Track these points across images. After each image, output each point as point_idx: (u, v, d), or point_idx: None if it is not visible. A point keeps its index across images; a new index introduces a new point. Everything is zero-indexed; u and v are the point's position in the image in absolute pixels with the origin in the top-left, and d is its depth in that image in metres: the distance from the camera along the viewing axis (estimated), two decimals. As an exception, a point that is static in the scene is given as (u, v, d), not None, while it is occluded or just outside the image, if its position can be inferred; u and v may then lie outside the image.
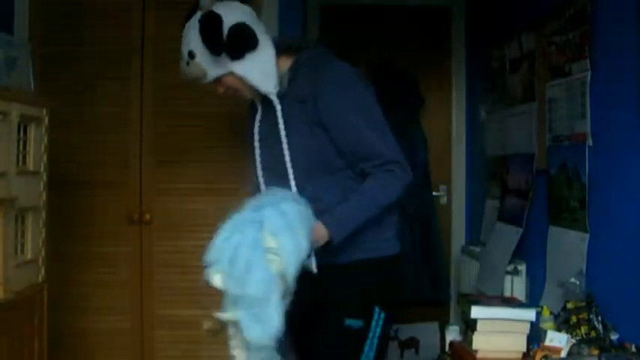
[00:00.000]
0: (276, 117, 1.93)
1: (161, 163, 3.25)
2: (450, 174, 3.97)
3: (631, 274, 1.99)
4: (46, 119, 2.37)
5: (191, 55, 1.92)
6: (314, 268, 1.85)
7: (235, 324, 1.59)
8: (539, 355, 2.01)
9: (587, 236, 2.24)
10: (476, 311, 2.18)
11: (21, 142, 2.23)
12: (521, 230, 2.77)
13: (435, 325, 3.84)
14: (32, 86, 2.40)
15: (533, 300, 2.63)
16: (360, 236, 1.90)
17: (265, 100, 1.98)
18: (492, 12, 3.43)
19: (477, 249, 3.39)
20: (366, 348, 1.88)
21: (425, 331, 3.85)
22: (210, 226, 3.40)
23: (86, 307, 3.21)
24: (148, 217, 3.22)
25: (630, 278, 1.99)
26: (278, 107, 1.92)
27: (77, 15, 3.27)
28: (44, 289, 2.37)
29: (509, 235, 2.85)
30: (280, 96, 1.94)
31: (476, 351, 2.18)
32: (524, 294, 2.76)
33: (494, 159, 3.32)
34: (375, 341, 1.89)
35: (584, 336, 2.01)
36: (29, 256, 2.29)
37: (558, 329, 2.08)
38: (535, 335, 2.16)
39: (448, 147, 3.95)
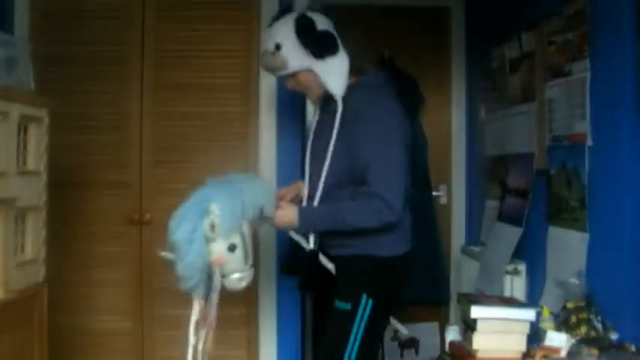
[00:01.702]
0: (329, 121, 2.20)
1: (161, 163, 3.26)
2: (450, 174, 3.96)
3: (631, 274, 1.99)
4: (46, 119, 2.37)
5: (278, 47, 2.17)
6: (306, 245, 2.21)
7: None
8: (539, 355, 2.02)
9: (586, 236, 2.24)
10: (476, 311, 2.18)
11: (21, 142, 2.23)
12: (521, 230, 2.77)
13: (435, 325, 3.83)
14: (32, 86, 2.39)
15: (532, 300, 2.63)
16: (358, 235, 2.15)
17: (324, 104, 2.29)
18: (492, 12, 3.43)
19: (477, 249, 3.38)
20: (354, 328, 2.12)
21: (425, 331, 3.84)
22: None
23: (86, 307, 3.21)
24: (148, 217, 3.22)
25: (630, 278, 2.00)
26: (339, 110, 2.17)
27: (77, 15, 3.27)
28: (44, 289, 2.37)
29: (509, 235, 2.85)
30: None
31: (476, 351, 2.18)
32: (524, 294, 2.76)
33: (493, 159, 3.32)
34: (363, 324, 2.12)
35: (584, 336, 2.01)
36: (29, 256, 2.29)
37: (558, 329, 2.08)
38: (535, 335, 2.16)
39: (448, 147, 3.95)
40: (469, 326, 2.25)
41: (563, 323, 2.10)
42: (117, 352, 3.24)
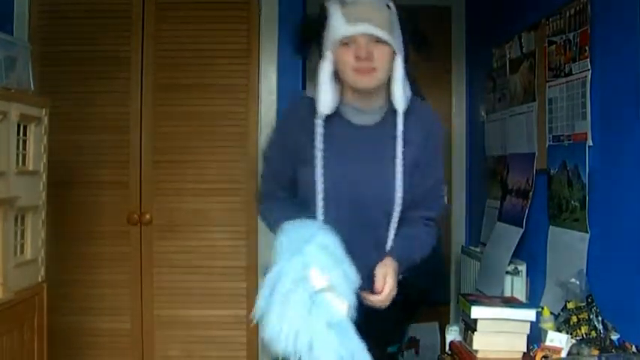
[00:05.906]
0: (378, 138, 1.87)
1: (161, 163, 3.25)
2: (450, 174, 3.96)
3: (631, 274, 1.99)
4: (46, 119, 2.37)
5: (389, 6, 1.90)
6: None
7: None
8: (539, 356, 2.01)
9: (587, 236, 2.24)
10: (476, 311, 2.18)
11: (21, 142, 2.22)
12: (521, 230, 2.76)
13: (435, 325, 3.83)
14: (32, 86, 2.39)
15: (533, 300, 2.62)
16: None
17: (371, 110, 1.88)
18: (492, 12, 3.42)
19: (477, 249, 3.38)
20: None
21: (425, 331, 3.84)
22: (210, 226, 3.43)
23: (86, 307, 3.22)
24: (148, 217, 3.22)
25: (630, 278, 1.99)
26: (400, 119, 1.87)
27: (77, 15, 3.27)
28: (44, 289, 2.37)
29: (510, 235, 2.85)
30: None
31: (476, 351, 2.18)
32: (524, 294, 2.75)
33: (494, 159, 3.32)
34: None
35: (585, 336, 2.01)
36: (29, 256, 2.29)
37: (558, 329, 2.08)
38: (535, 335, 2.15)
39: (449, 147, 3.94)
40: (469, 326, 2.24)
41: (563, 323, 2.09)
42: (117, 352, 3.24)
